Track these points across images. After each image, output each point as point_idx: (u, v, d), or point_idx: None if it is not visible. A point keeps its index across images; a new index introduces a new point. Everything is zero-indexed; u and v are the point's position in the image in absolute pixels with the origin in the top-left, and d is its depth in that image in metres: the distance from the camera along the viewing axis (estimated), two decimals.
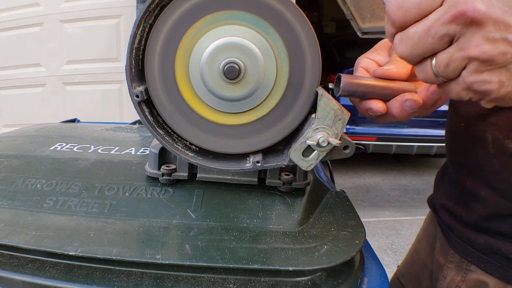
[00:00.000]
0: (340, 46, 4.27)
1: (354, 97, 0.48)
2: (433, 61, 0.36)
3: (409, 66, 0.49)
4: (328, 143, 0.44)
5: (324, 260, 0.44)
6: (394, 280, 0.80)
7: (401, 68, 0.48)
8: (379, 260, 0.54)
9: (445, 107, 0.70)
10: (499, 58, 0.33)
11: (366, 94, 0.47)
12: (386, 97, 0.47)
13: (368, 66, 0.50)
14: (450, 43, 0.34)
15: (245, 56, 0.45)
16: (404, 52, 0.36)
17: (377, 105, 0.46)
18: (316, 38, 0.46)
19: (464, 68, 0.35)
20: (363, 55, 0.53)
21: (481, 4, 0.32)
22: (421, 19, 0.34)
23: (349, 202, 0.58)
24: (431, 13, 0.34)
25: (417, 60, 0.37)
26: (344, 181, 3.84)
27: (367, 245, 0.58)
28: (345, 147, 0.46)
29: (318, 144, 0.44)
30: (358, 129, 3.59)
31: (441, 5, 0.34)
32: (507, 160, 0.53)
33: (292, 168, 0.54)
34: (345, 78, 0.47)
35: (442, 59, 0.35)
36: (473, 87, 0.35)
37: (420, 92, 0.46)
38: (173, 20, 0.46)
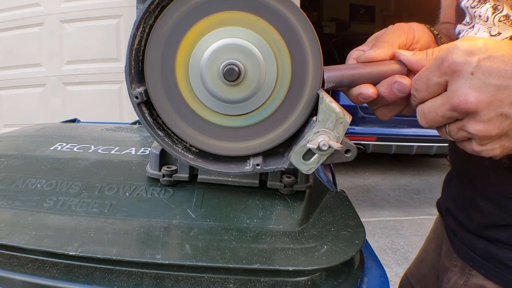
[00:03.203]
0: (340, 46, 4.27)
1: (342, 86, 0.47)
2: (447, 128, 0.42)
3: (396, 47, 0.48)
4: (329, 146, 0.43)
5: (324, 260, 0.44)
6: (404, 279, 0.81)
7: (386, 48, 0.47)
8: (379, 260, 0.54)
9: None
10: (495, 132, 0.38)
11: (354, 80, 0.46)
12: (375, 80, 0.46)
13: (358, 57, 0.49)
14: (458, 118, 0.40)
15: (245, 57, 0.45)
16: (425, 124, 0.42)
17: (368, 90, 0.45)
18: (318, 40, 0.46)
19: (469, 138, 0.41)
20: (354, 48, 0.52)
21: (472, 95, 0.37)
22: (434, 96, 0.41)
23: (349, 202, 0.58)
24: (440, 93, 0.40)
25: (435, 127, 0.43)
26: (344, 181, 3.84)
27: (367, 245, 0.58)
28: (347, 151, 0.46)
29: (318, 148, 0.43)
30: (358, 129, 3.59)
31: (445, 89, 0.40)
32: (502, 173, 0.53)
33: (294, 171, 0.54)
34: (327, 69, 0.46)
35: (452, 129, 0.42)
36: (481, 154, 0.41)
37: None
38: (173, 21, 0.46)
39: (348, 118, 0.43)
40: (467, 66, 0.37)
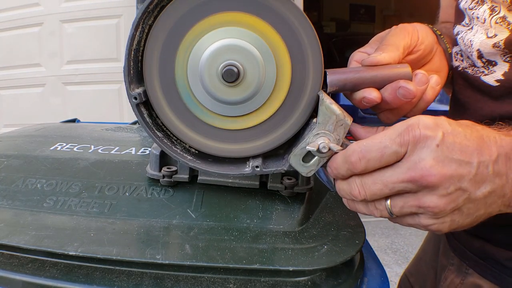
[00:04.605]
0: (340, 46, 4.27)
1: (345, 90, 0.46)
2: (388, 202, 0.39)
3: (401, 50, 0.47)
4: (329, 149, 0.42)
5: (324, 260, 0.44)
6: (403, 278, 0.81)
7: (391, 52, 0.46)
8: (379, 260, 0.54)
9: (445, 107, 0.69)
10: (451, 206, 0.37)
11: (357, 84, 0.45)
12: (379, 84, 0.45)
13: (361, 59, 0.49)
14: (407, 192, 0.38)
15: (244, 58, 0.45)
16: (362, 196, 0.39)
17: (371, 94, 0.45)
18: (318, 40, 0.45)
19: (418, 212, 0.38)
20: (357, 50, 0.52)
21: (435, 168, 0.35)
22: (380, 168, 0.38)
23: None
24: (389, 165, 0.38)
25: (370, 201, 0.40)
26: None
27: (367, 245, 0.58)
28: None
29: (318, 150, 0.43)
30: None
31: (400, 160, 0.37)
32: None
33: (295, 172, 0.53)
34: (330, 72, 0.45)
35: (397, 203, 0.38)
36: (428, 228, 0.39)
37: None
38: (172, 21, 0.46)
39: (349, 120, 0.43)
40: (433, 139, 0.36)
